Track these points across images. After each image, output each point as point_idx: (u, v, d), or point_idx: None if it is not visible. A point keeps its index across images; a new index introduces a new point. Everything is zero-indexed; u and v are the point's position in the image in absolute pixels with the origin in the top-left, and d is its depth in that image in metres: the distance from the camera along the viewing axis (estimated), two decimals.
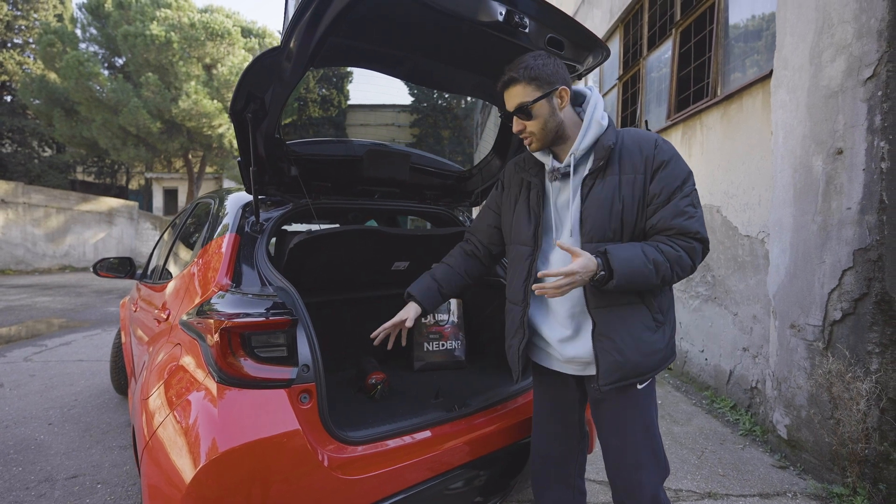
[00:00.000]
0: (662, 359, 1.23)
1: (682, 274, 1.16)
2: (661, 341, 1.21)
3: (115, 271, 2.92)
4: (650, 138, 1.20)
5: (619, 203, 1.17)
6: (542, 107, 1.20)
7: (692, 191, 1.17)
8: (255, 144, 1.45)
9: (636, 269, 1.10)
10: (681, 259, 1.13)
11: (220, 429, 1.13)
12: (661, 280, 1.13)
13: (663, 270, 1.12)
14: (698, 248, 1.15)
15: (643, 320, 1.19)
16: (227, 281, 1.42)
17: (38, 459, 2.45)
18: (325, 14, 1.16)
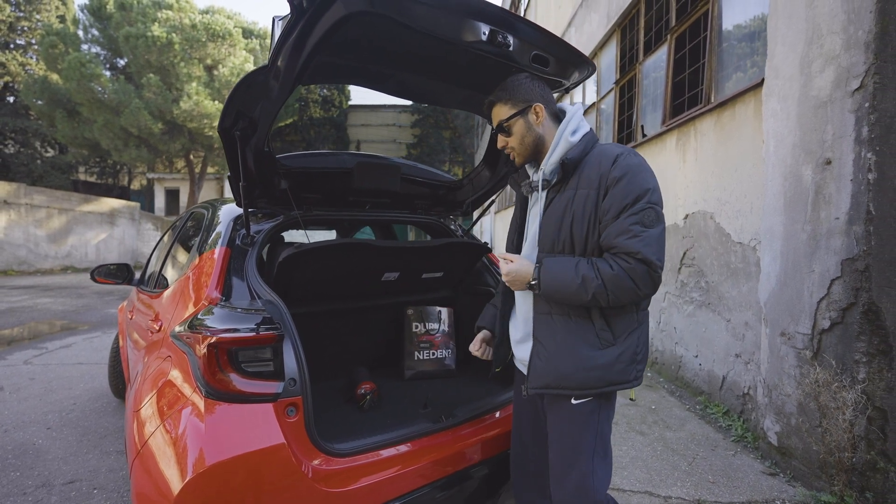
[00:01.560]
0: (602, 378, 1.18)
1: (623, 296, 1.12)
2: (603, 360, 1.18)
3: (112, 277, 2.95)
4: (612, 154, 1.18)
5: (568, 217, 1.19)
6: (517, 124, 1.28)
7: (645, 209, 1.13)
8: (244, 160, 1.48)
9: (562, 281, 1.15)
10: (617, 279, 1.10)
11: (207, 442, 1.16)
12: (593, 297, 1.12)
13: (593, 287, 1.11)
14: (640, 270, 1.10)
15: (583, 334, 1.19)
16: (217, 294, 1.44)
17: (36, 464, 2.49)
18: (310, 35, 1.18)
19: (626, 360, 1.19)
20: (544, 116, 1.28)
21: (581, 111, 1.31)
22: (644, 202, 1.13)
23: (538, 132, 1.28)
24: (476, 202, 2.23)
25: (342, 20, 1.14)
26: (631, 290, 1.11)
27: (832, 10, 2.20)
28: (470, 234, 2.30)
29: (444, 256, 2.03)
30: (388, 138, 25.42)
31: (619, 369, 1.19)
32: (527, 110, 1.27)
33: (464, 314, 2.30)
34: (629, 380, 1.21)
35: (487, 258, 2.21)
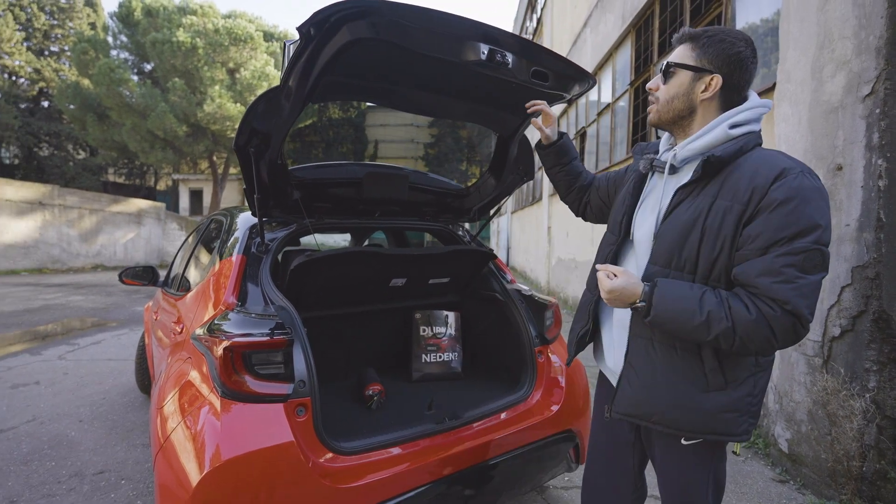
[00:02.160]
0: (704, 424, 1.01)
1: (753, 345, 0.92)
2: (708, 404, 1.00)
3: (139, 279, 3.10)
4: (776, 165, 0.93)
5: (698, 232, 0.98)
6: (682, 76, 1.05)
7: (809, 250, 0.88)
8: (258, 173, 1.57)
9: (680, 313, 0.94)
10: (754, 327, 0.90)
11: (223, 439, 1.25)
12: (715, 339, 0.93)
13: (718, 329, 0.91)
14: (786, 322, 0.89)
15: (689, 371, 1.02)
16: (234, 300, 1.54)
17: (69, 455, 2.65)
18: (318, 59, 1.26)
19: (737, 410, 1.00)
20: (716, 94, 1.03)
21: (764, 109, 1.04)
22: (809, 241, 0.88)
23: (694, 103, 1.05)
24: (483, 209, 2.29)
25: (347, 45, 1.22)
26: (766, 341, 0.91)
27: (843, 15, 2.18)
28: (477, 241, 2.35)
29: (450, 263, 2.09)
30: (405, 138, 25.60)
31: (726, 419, 1.00)
32: (703, 73, 1.02)
33: (470, 318, 2.36)
34: (737, 433, 1.01)
35: (494, 264, 2.26)
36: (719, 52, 1.02)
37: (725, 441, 1.05)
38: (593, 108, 6.85)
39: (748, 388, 1.01)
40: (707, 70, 1.03)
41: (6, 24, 20.65)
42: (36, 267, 13.80)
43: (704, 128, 1.04)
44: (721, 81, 1.02)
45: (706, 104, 1.05)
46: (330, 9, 1.12)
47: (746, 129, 1.01)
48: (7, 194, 13.03)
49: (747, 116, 1.02)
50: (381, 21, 1.18)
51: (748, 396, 1.01)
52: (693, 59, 1.04)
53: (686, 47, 1.06)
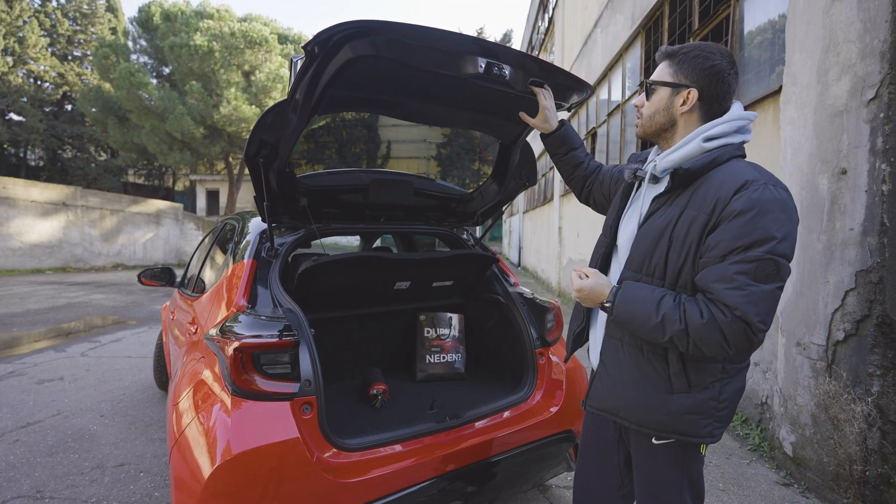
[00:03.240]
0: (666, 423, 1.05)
1: (707, 349, 0.95)
2: (671, 406, 1.05)
3: (157, 280, 3.23)
4: (739, 178, 0.96)
5: (666, 240, 1.03)
6: (662, 93, 1.11)
7: (762, 259, 0.91)
8: (267, 182, 1.65)
9: (639, 314, 1.00)
10: (705, 330, 0.93)
11: (233, 434, 1.32)
12: (670, 341, 0.97)
13: (672, 331, 0.96)
14: (736, 328, 0.91)
15: (653, 374, 1.07)
16: (244, 302, 1.62)
17: (91, 448, 2.78)
18: (322, 74, 1.33)
19: (700, 413, 1.03)
20: (694, 107, 1.08)
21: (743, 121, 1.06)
22: (763, 251, 0.91)
23: (674, 117, 1.10)
24: (486, 213, 2.34)
25: (349, 62, 1.28)
26: (718, 346, 0.94)
27: (848, 19, 2.17)
28: (481, 244, 2.40)
29: (453, 266, 2.15)
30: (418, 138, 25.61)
31: (688, 420, 1.04)
32: (680, 88, 1.08)
33: (474, 320, 2.41)
34: (700, 434, 1.04)
35: (498, 267, 2.31)
36: (694, 66, 1.06)
37: (690, 441, 1.07)
38: (604, 109, 6.83)
39: (712, 392, 1.04)
40: (683, 85, 1.08)
41: (32, 31, 21.32)
42: (60, 266, 14.25)
43: (682, 140, 1.09)
44: (697, 94, 1.07)
45: (686, 117, 1.10)
46: (333, 29, 1.19)
47: (721, 142, 1.04)
48: (33, 195, 13.49)
49: (723, 129, 1.05)
50: (380, 40, 1.25)
51: (712, 401, 1.04)
52: (670, 76, 1.10)
53: (665, 64, 1.12)
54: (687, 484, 1.12)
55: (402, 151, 3.71)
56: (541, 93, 1.47)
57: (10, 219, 12.93)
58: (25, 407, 3.39)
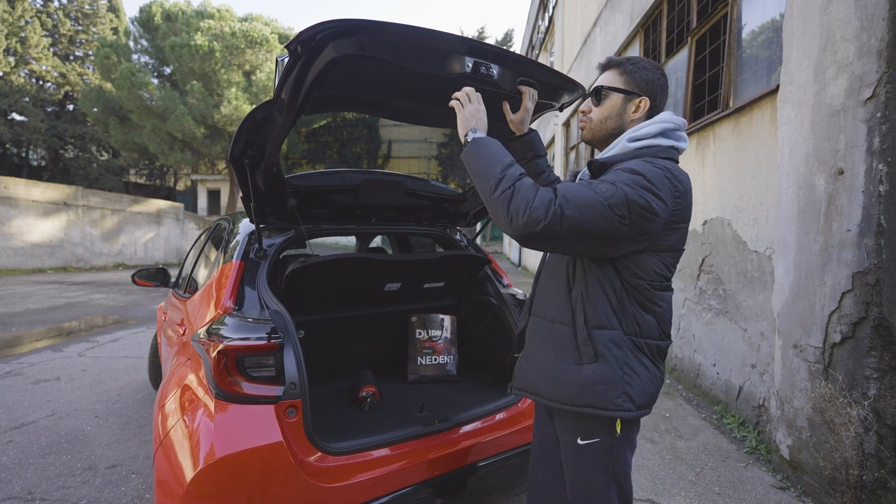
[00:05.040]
0: (576, 395, 1.09)
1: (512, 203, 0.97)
2: (580, 377, 1.09)
3: (151, 280, 3.21)
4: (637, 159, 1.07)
5: None
6: (614, 99, 1.17)
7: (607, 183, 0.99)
8: (254, 183, 1.63)
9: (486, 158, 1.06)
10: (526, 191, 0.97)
11: (216, 438, 1.31)
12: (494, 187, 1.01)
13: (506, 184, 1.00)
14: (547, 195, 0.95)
15: (562, 344, 1.13)
16: (231, 304, 1.60)
17: (84, 449, 2.77)
18: (307, 74, 1.31)
19: (609, 383, 1.07)
20: (642, 116, 1.16)
21: (666, 124, 1.12)
22: (623, 182, 0.98)
23: (624, 123, 1.17)
24: (478, 214, 2.32)
25: (334, 61, 1.26)
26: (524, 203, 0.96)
27: (846, 17, 2.14)
28: (474, 245, 2.38)
29: (445, 268, 2.13)
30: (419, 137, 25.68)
31: (598, 391, 1.07)
32: (633, 96, 1.16)
33: (466, 322, 2.39)
34: (609, 407, 1.07)
35: (490, 268, 2.29)
36: (644, 77, 1.16)
37: (600, 414, 1.08)
38: None
39: (619, 363, 1.08)
40: (636, 93, 1.16)
41: (34, 31, 21.37)
42: (61, 265, 14.28)
43: (612, 144, 1.16)
44: (648, 104, 1.16)
45: (633, 125, 1.18)
46: (315, 28, 1.17)
47: (644, 143, 1.11)
48: (34, 195, 13.52)
49: (646, 131, 1.12)
50: (365, 38, 1.23)
51: (618, 370, 1.07)
52: (623, 84, 1.17)
53: (613, 73, 1.19)
54: (615, 487, 1.14)
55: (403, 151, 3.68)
56: (528, 94, 1.45)
57: (12, 218, 12.96)
58: (20, 407, 3.38)
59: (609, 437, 1.12)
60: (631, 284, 1.09)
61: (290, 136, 7.45)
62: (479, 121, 1.18)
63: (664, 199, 0.99)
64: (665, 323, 1.14)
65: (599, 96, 1.19)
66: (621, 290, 1.09)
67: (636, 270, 1.07)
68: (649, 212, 0.97)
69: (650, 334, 1.11)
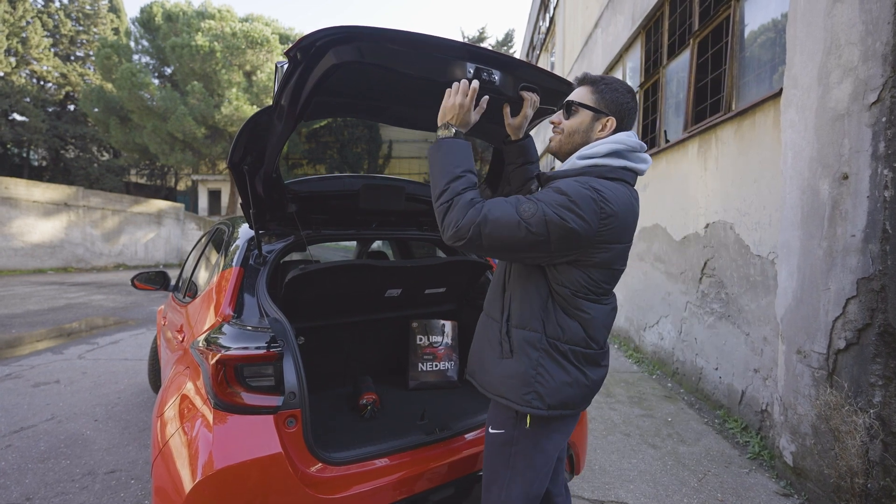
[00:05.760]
0: (493, 386, 1.20)
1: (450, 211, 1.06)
2: (498, 370, 1.18)
3: (151, 283, 3.20)
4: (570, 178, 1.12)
5: None
6: (583, 116, 1.20)
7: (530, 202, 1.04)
8: (253, 189, 1.61)
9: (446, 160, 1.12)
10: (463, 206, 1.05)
11: (215, 449, 1.29)
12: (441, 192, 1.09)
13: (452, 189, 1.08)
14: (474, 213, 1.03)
15: (490, 338, 1.24)
16: (230, 312, 1.58)
17: (83, 454, 2.75)
18: (307, 81, 1.29)
19: (519, 381, 1.14)
20: (607, 136, 1.19)
21: (616, 145, 1.15)
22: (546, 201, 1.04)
23: (589, 140, 1.21)
24: None
25: (334, 67, 1.25)
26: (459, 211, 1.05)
27: (850, 20, 2.13)
28: None
29: (445, 273, 2.11)
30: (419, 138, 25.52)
31: (509, 384, 1.16)
32: (601, 115, 1.19)
33: (468, 327, 2.38)
34: (518, 402, 1.14)
35: (492, 273, 2.27)
36: (614, 99, 1.18)
37: (512, 407, 1.16)
38: None
39: (530, 362, 1.14)
40: (605, 113, 1.19)
41: (35, 31, 21.38)
42: (61, 266, 14.29)
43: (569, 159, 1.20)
44: (615, 124, 1.19)
45: None
46: (316, 34, 1.16)
47: (592, 162, 1.15)
48: (35, 196, 13.52)
49: (596, 150, 1.15)
50: (365, 45, 1.21)
51: (531, 370, 1.14)
52: (593, 102, 1.20)
53: (586, 90, 1.21)
54: (517, 480, 1.20)
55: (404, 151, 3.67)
56: (529, 100, 1.44)
57: (13, 219, 12.97)
58: (20, 411, 3.37)
59: (513, 429, 1.19)
60: (556, 291, 1.15)
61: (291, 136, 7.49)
62: (457, 116, 1.19)
63: (586, 220, 1.03)
64: (593, 330, 1.17)
65: (570, 110, 1.22)
66: (547, 295, 1.16)
67: (560, 279, 1.13)
68: (567, 231, 1.02)
69: (573, 340, 1.15)
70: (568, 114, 1.23)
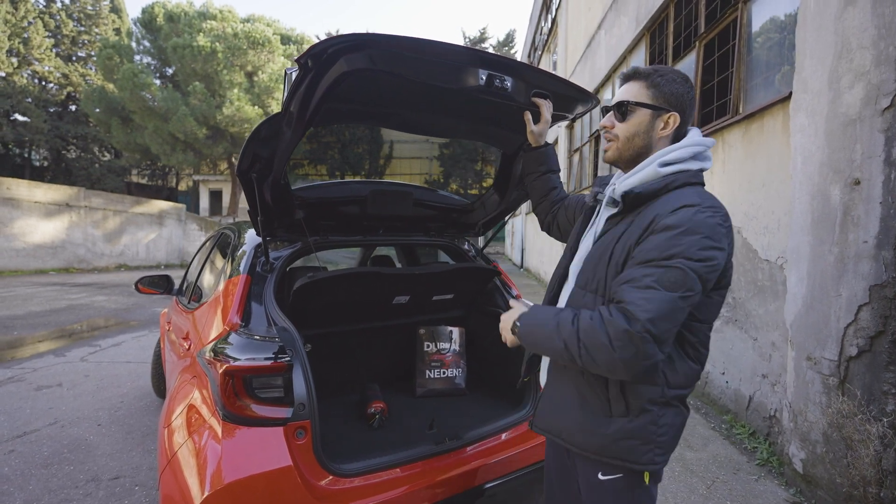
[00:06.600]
0: (605, 448, 1.02)
1: (596, 354, 0.90)
2: (609, 430, 1.01)
3: (155, 287, 3.18)
4: (683, 200, 0.95)
5: (606, 256, 1.02)
6: (640, 115, 1.07)
7: (675, 268, 0.89)
8: (262, 196, 1.59)
9: (538, 328, 1.00)
10: (592, 330, 0.90)
11: (224, 462, 1.27)
12: (566, 348, 0.94)
13: (567, 336, 0.94)
14: (619, 324, 0.87)
15: (593, 397, 1.04)
16: (238, 320, 1.57)
17: (87, 459, 2.74)
18: (317, 88, 1.28)
19: (639, 438, 1.00)
20: (671, 132, 1.06)
21: (699, 147, 1.04)
22: (679, 261, 0.89)
23: (652, 141, 1.07)
24: (487, 224, 2.28)
25: (345, 75, 1.23)
26: (604, 348, 0.89)
27: (862, 24, 2.10)
28: (483, 256, 2.35)
29: (453, 280, 2.09)
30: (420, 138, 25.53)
31: (628, 446, 1.00)
32: (662, 112, 1.05)
33: (475, 334, 2.36)
34: (640, 461, 1.01)
35: (500, 279, 2.25)
36: (674, 91, 1.05)
37: (631, 469, 1.02)
38: None
39: (651, 417, 1.00)
40: (665, 108, 1.05)
41: (36, 32, 21.38)
42: (63, 266, 14.28)
43: (639, 165, 1.06)
44: (679, 119, 1.06)
45: (662, 142, 1.08)
46: (327, 42, 1.14)
47: (676, 168, 1.02)
48: (36, 196, 13.52)
49: (679, 155, 1.03)
50: (376, 53, 1.19)
51: (651, 425, 1.00)
52: (650, 98, 1.06)
53: (639, 86, 1.07)
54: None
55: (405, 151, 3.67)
56: (545, 105, 1.42)
57: (14, 219, 12.97)
58: (23, 415, 3.36)
59: (629, 490, 1.05)
60: (689, 330, 0.99)
61: None
62: (515, 311, 1.09)
63: (724, 247, 0.94)
64: None
65: (624, 112, 1.08)
66: (674, 344, 0.99)
67: (696, 315, 0.99)
68: (715, 269, 0.92)
69: (690, 383, 1.03)
70: (622, 116, 1.08)
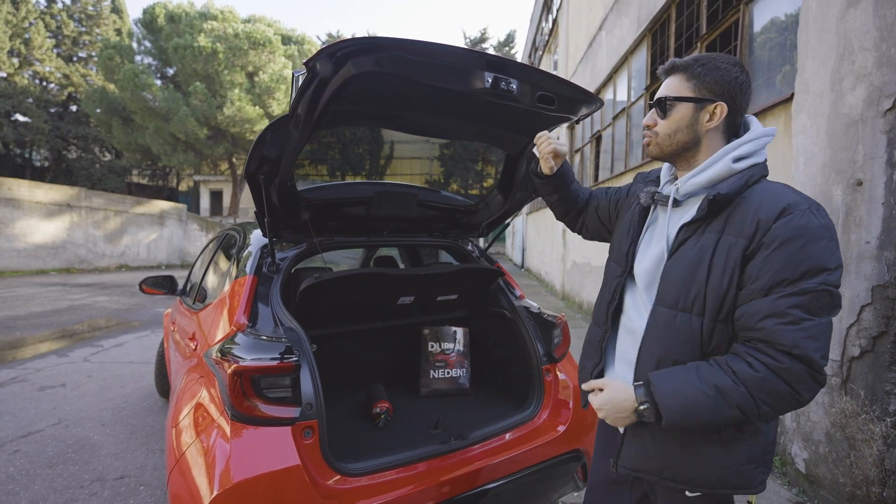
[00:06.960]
0: (718, 478, 0.94)
1: (778, 405, 0.85)
2: (721, 458, 0.94)
3: (159, 287, 3.19)
4: (781, 200, 0.88)
5: (704, 270, 0.92)
6: (683, 109, 1.00)
7: (817, 290, 0.83)
8: (269, 198, 1.61)
9: (692, 400, 0.87)
10: (766, 384, 0.83)
11: (233, 461, 1.28)
12: (742, 412, 0.85)
13: (738, 398, 0.84)
14: (797, 370, 0.82)
15: None
16: (244, 321, 1.58)
17: (91, 459, 2.75)
18: (324, 90, 1.29)
19: (754, 462, 0.95)
20: (720, 122, 0.99)
21: (767, 138, 0.98)
22: (816, 282, 0.83)
23: (699, 134, 1.01)
24: (492, 224, 2.29)
25: (352, 78, 1.24)
26: (789, 397, 0.84)
27: (864, 26, 2.11)
28: (487, 256, 2.36)
29: (458, 280, 2.11)
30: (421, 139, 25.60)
31: (742, 471, 0.94)
32: (706, 103, 0.99)
33: (479, 334, 2.37)
34: (753, 485, 0.95)
35: (503, 280, 2.26)
36: (717, 78, 0.98)
37: (738, 493, 0.96)
38: (609, 112, 6.77)
39: (763, 437, 0.95)
40: (709, 99, 0.98)
41: (38, 32, 21.40)
42: (64, 267, 14.30)
43: (707, 161, 0.99)
44: (726, 109, 0.98)
45: (711, 133, 1.01)
46: (336, 46, 1.15)
47: (751, 162, 0.96)
48: (37, 196, 13.54)
49: (750, 148, 0.97)
50: (384, 56, 1.21)
51: (764, 444, 0.95)
52: (691, 90, 1.00)
53: (678, 78, 1.02)
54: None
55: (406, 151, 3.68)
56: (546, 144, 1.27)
57: (15, 220, 12.99)
58: (26, 415, 3.37)
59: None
60: None
61: None
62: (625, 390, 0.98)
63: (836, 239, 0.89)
64: None
65: (665, 108, 1.02)
66: None
67: None
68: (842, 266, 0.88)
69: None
70: (663, 112, 1.03)
